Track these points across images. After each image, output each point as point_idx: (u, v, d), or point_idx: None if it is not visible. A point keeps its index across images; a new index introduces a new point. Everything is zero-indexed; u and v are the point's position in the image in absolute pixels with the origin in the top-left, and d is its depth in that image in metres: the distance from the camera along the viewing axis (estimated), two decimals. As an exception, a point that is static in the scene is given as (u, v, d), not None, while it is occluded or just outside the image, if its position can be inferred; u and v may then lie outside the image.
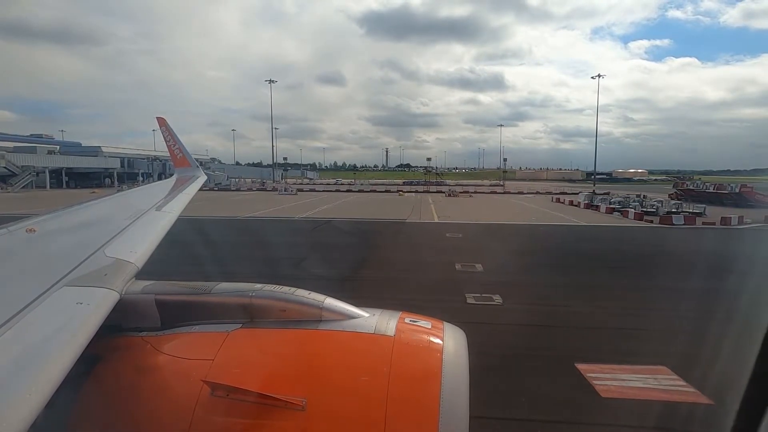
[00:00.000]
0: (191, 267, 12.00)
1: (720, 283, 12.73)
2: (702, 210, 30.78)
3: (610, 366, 7.05)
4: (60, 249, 2.59)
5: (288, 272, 12.95)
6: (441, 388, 1.53)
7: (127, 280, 2.03)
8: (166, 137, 9.10)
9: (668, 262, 16.64)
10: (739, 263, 16.14)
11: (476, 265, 14.31)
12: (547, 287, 12.06)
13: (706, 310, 10.11)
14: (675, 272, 14.57)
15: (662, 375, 6.76)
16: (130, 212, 3.59)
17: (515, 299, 10.77)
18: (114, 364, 1.78)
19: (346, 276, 12.84)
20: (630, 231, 25.31)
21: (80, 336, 1.45)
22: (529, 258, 16.52)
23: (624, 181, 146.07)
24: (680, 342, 8.17)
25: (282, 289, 1.90)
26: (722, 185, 42.98)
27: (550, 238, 22.49)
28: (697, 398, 6.12)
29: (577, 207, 38.49)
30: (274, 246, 18.84)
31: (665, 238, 22.88)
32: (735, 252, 18.95)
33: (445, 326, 1.84)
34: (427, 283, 12.42)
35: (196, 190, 6.10)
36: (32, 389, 1.16)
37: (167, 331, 1.88)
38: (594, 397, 6.13)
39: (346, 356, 1.70)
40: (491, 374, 6.47)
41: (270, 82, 72.75)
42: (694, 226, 26.27)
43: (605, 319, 9.48)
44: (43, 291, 1.72)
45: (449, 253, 16.85)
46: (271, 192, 60.15)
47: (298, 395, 1.53)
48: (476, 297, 10.77)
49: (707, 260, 16.73)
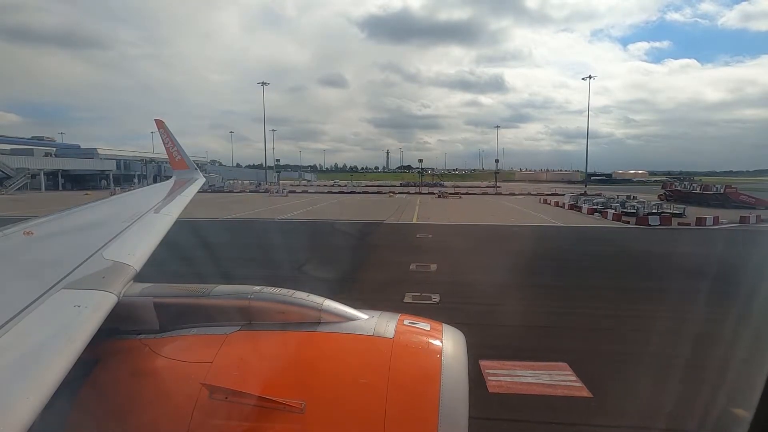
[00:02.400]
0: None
1: (660, 283, 12.92)
2: (682, 210, 30.85)
3: (513, 363, 7.23)
4: (57, 252, 2.56)
5: (220, 271, 11.92)
6: (440, 390, 1.54)
7: (125, 282, 2.02)
8: (165, 139, 9.10)
9: (621, 262, 16.82)
10: (693, 263, 16.31)
11: (431, 266, 14.52)
12: (492, 287, 12.23)
13: (629, 309, 10.35)
14: (623, 272, 14.80)
15: (558, 371, 6.95)
16: (128, 215, 3.59)
17: (453, 298, 10.98)
18: (112, 368, 1.77)
19: (288, 276, 12.82)
20: (601, 231, 25.47)
21: (78, 339, 1.43)
22: (487, 258, 16.73)
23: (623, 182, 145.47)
24: (587, 339, 8.38)
25: (281, 292, 1.90)
26: (707, 186, 43.02)
27: (517, 239, 22.65)
28: (579, 392, 6.33)
29: (562, 208, 38.59)
30: (229, 247, 18.56)
31: (633, 238, 23.04)
32: (695, 252, 19.12)
33: (444, 328, 1.85)
34: (373, 282, 12.63)
35: (195, 193, 6.14)
36: (30, 393, 1.15)
37: (165, 333, 1.87)
38: (482, 392, 6.29)
39: (345, 358, 1.69)
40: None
41: (262, 85, 73.33)
42: (670, 226, 26.36)
43: (532, 318, 9.64)
44: (40, 294, 1.70)
45: (410, 253, 17.05)
46: (263, 194, 60.50)
47: (297, 398, 1.53)
48: (415, 296, 11.00)
49: (662, 260, 16.89)
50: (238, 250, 17.53)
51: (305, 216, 31.46)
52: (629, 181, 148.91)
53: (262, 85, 73.33)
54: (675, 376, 6.92)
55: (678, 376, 6.91)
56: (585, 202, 36.78)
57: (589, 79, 65.18)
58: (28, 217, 3.07)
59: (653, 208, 31.78)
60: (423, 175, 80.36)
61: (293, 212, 33.44)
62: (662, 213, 29.83)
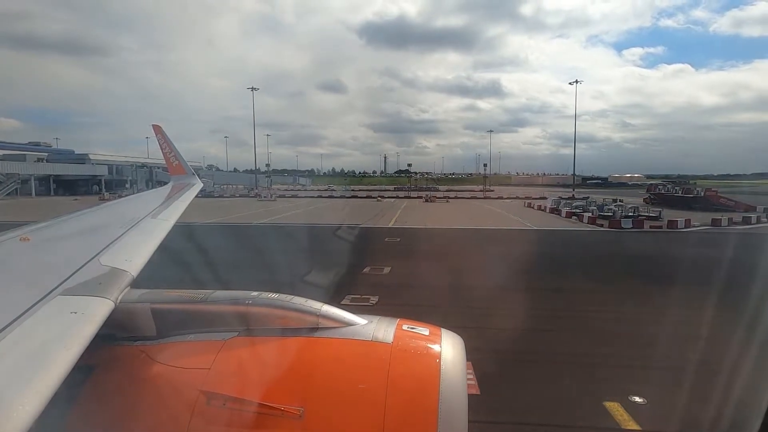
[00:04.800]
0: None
1: (597, 284, 13.10)
2: (658, 214, 31.04)
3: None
4: (54, 258, 2.54)
5: (159, 274, 12.36)
6: (439, 395, 1.53)
7: (123, 288, 1.99)
8: (162, 145, 9.07)
9: (567, 264, 17.01)
10: (642, 264, 16.51)
11: (385, 268, 14.72)
12: (432, 289, 12.45)
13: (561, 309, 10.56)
14: (563, 274, 14.97)
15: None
16: (125, 220, 3.56)
17: (391, 300, 11.19)
18: (109, 374, 1.76)
19: (231, 280, 12.83)
20: (569, 234, 25.73)
21: (75, 346, 1.41)
22: (444, 261, 16.92)
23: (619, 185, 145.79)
24: (491, 339, 8.52)
25: (279, 297, 1.90)
26: (689, 189, 43.34)
27: (481, 242, 22.84)
28: (469, 390, 6.47)
29: (543, 211, 38.79)
30: (185, 252, 18.36)
31: (596, 241, 23.37)
32: (650, 254, 19.32)
33: (443, 333, 1.84)
34: (318, 285, 12.77)
35: (192, 198, 6.15)
36: (26, 400, 1.13)
37: (163, 340, 1.86)
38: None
39: (343, 364, 1.69)
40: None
41: (252, 90, 73.66)
42: (641, 229, 26.56)
43: (453, 319, 9.79)
44: (36, 300, 1.68)
45: (371, 256, 17.25)
46: (252, 198, 60.73)
47: (295, 404, 1.53)
48: (354, 298, 11.20)
49: (610, 262, 17.11)
50: (182, 255, 17.69)
51: (281, 220, 31.56)
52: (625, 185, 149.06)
53: (252, 90, 73.65)
54: (565, 373, 7.12)
55: (567, 372, 7.12)
56: (565, 206, 37.01)
57: (576, 84, 65.56)
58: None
59: (630, 211, 32.04)
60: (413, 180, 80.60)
61: (271, 217, 33.59)
62: (638, 216, 30.10)
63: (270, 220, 31.58)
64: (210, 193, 69.19)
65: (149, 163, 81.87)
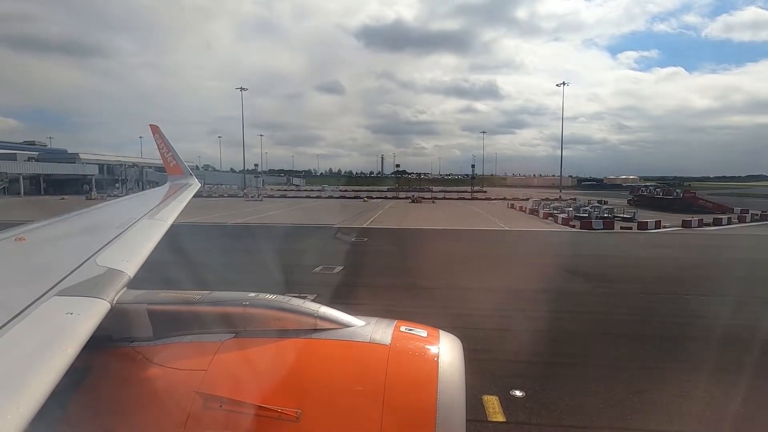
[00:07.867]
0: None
1: (540, 284, 13.25)
2: (632, 215, 31.27)
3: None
4: (50, 258, 2.53)
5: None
6: (437, 397, 1.53)
7: (119, 289, 1.98)
8: (160, 145, 9.10)
9: (512, 263, 17.26)
10: (588, 264, 16.66)
11: (337, 268, 14.89)
12: (374, 288, 12.65)
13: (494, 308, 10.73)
14: (502, 273, 15.14)
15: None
16: (122, 221, 3.52)
17: (331, 298, 11.33)
18: (105, 376, 1.75)
19: (172, 278, 12.99)
20: (536, 234, 25.97)
21: (70, 347, 1.39)
22: (400, 260, 17.12)
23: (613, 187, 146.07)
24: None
25: (276, 298, 1.90)
26: (669, 191, 43.63)
27: (446, 242, 23.00)
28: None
29: (524, 212, 38.99)
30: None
31: (559, 242, 23.63)
32: (603, 254, 19.51)
33: (441, 334, 1.84)
34: (259, 283, 12.91)
35: (189, 198, 6.15)
36: (21, 402, 1.12)
37: (159, 341, 1.84)
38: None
39: (341, 365, 1.68)
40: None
41: (241, 90, 73.80)
42: (610, 230, 26.76)
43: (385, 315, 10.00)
44: (32, 301, 1.66)
45: (329, 256, 17.43)
46: (239, 198, 60.81)
47: (292, 406, 1.52)
48: (291, 295, 11.32)
49: (563, 262, 17.24)
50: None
51: (257, 221, 31.67)
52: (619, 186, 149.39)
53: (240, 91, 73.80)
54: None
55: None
56: (544, 207, 37.24)
57: (563, 86, 66.39)
58: None
59: (604, 213, 32.29)
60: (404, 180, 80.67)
61: (248, 217, 33.69)
62: (614, 217, 30.39)
63: (245, 220, 31.72)
64: (199, 192, 69.21)
65: (140, 162, 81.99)
